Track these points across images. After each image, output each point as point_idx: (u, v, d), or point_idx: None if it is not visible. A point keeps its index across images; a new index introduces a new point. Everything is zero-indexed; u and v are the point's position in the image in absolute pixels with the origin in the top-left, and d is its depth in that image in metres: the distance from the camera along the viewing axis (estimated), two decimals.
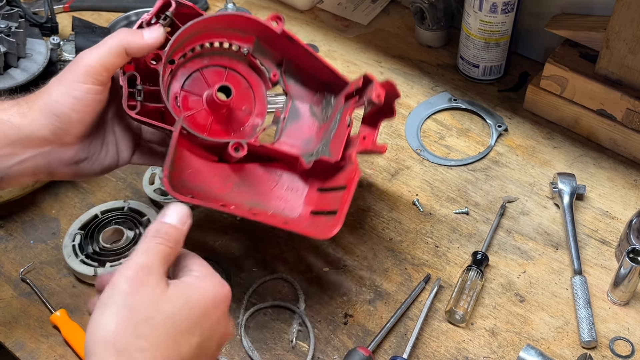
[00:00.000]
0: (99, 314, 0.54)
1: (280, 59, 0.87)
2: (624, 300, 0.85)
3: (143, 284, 0.55)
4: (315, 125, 0.89)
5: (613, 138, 1.01)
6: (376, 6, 1.28)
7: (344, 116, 0.85)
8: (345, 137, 0.83)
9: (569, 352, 0.81)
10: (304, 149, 0.87)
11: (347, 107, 0.85)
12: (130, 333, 0.53)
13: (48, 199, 0.98)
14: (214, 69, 0.84)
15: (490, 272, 0.89)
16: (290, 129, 0.88)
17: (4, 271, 0.90)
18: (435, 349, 0.82)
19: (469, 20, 1.06)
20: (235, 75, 0.85)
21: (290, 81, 0.88)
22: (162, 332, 0.54)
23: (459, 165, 1.02)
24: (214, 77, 0.84)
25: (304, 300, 0.86)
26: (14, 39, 0.95)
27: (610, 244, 0.92)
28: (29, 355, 0.82)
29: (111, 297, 0.55)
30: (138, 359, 0.53)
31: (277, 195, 0.84)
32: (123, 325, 0.53)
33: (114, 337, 0.53)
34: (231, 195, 0.80)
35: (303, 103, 0.89)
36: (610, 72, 0.98)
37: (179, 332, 0.55)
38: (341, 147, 0.82)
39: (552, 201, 0.96)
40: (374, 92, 0.80)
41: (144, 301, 0.55)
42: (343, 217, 0.75)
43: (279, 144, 0.87)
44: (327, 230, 0.75)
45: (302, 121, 0.89)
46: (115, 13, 1.27)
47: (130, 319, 0.54)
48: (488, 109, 1.09)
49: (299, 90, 0.89)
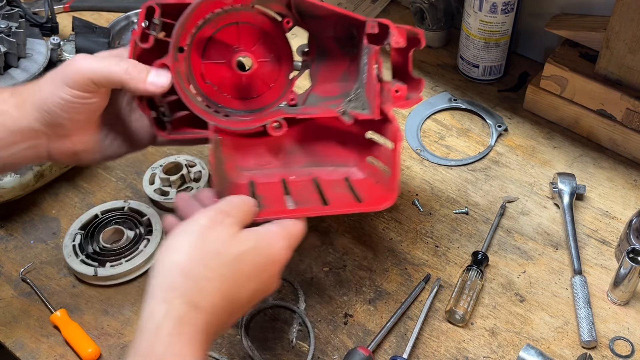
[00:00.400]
0: (174, 238, 0.59)
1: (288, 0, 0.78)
2: (624, 300, 0.85)
3: (219, 223, 0.60)
4: (346, 59, 0.83)
5: (613, 138, 1.01)
6: (376, 6, 1.28)
7: (370, 62, 0.78)
8: (377, 91, 0.77)
9: (569, 352, 0.81)
10: (343, 89, 0.82)
11: (370, 53, 0.77)
12: (199, 262, 0.58)
13: (48, 199, 0.98)
14: (225, 28, 0.78)
15: (490, 272, 0.89)
16: (322, 69, 0.83)
17: (4, 271, 0.90)
18: (435, 349, 0.82)
19: (469, 20, 1.06)
20: (248, 27, 0.79)
21: (305, 19, 0.80)
22: (227, 270, 0.59)
23: (459, 165, 1.02)
24: (229, 36, 0.78)
25: (304, 300, 0.86)
26: (14, 39, 0.95)
27: (610, 244, 0.92)
28: (29, 355, 0.82)
29: (190, 227, 0.60)
30: (202, 287, 0.57)
31: (331, 150, 0.83)
32: (195, 253, 0.58)
33: (184, 262, 0.57)
34: (286, 166, 0.79)
35: (326, 37, 0.82)
36: (610, 72, 0.98)
37: (242, 275, 0.60)
38: (376, 101, 0.77)
39: (552, 201, 0.96)
40: (394, 38, 0.75)
41: (217, 236, 0.60)
42: (397, 183, 0.73)
43: (318, 90, 0.83)
44: (384, 198, 0.73)
45: (332, 58, 0.83)
46: (116, 13, 1.27)
47: (202, 248, 0.58)
48: (488, 109, 1.09)
49: (317, 25, 0.81)
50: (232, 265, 0.60)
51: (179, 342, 0.55)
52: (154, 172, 0.99)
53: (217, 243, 0.59)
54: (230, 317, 0.61)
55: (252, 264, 0.61)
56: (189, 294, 0.56)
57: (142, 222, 0.92)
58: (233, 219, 0.62)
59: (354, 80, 0.82)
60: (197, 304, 0.57)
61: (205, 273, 0.58)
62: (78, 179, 1.01)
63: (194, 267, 0.58)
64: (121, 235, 0.91)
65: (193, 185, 0.97)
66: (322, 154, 0.82)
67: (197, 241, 0.59)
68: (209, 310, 0.57)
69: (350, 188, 0.79)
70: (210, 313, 0.57)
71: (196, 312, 0.56)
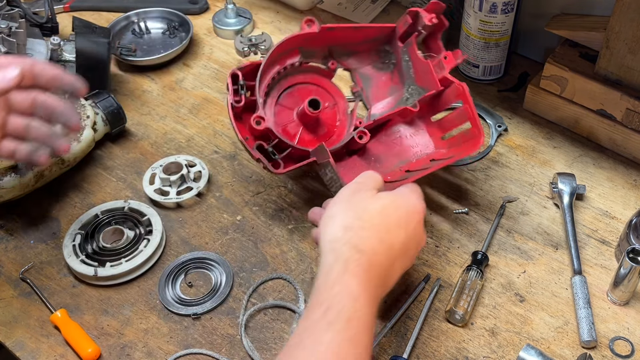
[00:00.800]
0: (329, 210, 0.71)
1: (326, 49, 0.96)
2: (624, 300, 0.85)
3: (359, 190, 0.73)
4: (387, 75, 0.99)
5: (613, 138, 1.01)
6: (376, 6, 1.28)
7: (413, 54, 0.94)
8: (430, 68, 0.92)
9: (568, 352, 0.81)
10: (396, 99, 0.98)
11: (410, 46, 0.94)
12: (353, 216, 0.70)
13: (48, 199, 0.98)
14: (290, 90, 0.96)
15: (490, 272, 0.89)
16: (372, 93, 0.99)
17: (5, 271, 0.90)
18: (435, 349, 0.82)
19: (469, 21, 1.06)
20: (306, 87, 0.97)
21: (343, 59, 0.98)
22: (377, 220, 0.70)
23: (459, 165, 1.02)
24: (290, 100, 0.95)
25: (304, 300, 0.86)
26: (15, 39, 0.95)
27: (610, 244, 0.92)
28: (29, 355, 0.82)
29: (338, 198, 0.73)
30: (361, 235, 0.68)
31: (407, 145, 0.96)
32: (349, 212, 0.70)
33: (342, 220, 0.69)
34: (380, 171, 0.88)
35: (364, 67, 0.99)
36: (610, 72, 0.98)
37: (390, 223, 0.70)
38: (433, 77, 0.91)
39: (552, 201, 0.96)
40: (427, 18, 0.90)
41: (361, 197, 0.72)
42: (481, 127, 0.87)
43: (375, 109, 0.98)
44: (473, 144, 0.87)
45: (376, 81, 0.99)
46: (116, 13, 1.27)
47: (353, 208, 0.70)
48: (488, 109, 1.09)
49: (354, 60, 0.98)
50: (380, 216, 0.70)
51: (346, 276, 0.64)
52: (154, 172, 0.99)
53: (363, 201, 0.71)
54: (389, 261, 0.69)
55: (396, 214, 0.72)
56: (351, 240, 0.67)
57: (142, 222, 0.92)
58: (368, 186, 0.74)
59: (402, 85, 0.98)
60: (359, 247, 0.67)
61: (360, 224, 0.69)
62: (78, 179, 1.01)
63: (351, 221, 0.69)
64: (121, 235, 0.91)
65: (193, 185, 0.97)
66: (403, 152, 0.95)
67: (347, 204, 0.71)
68: (370, 252, 0.67)
69: (439, 160, 0.92)
70: (371, 254, 0.67)
71: (359, 254, 0.66)
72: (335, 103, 0.97)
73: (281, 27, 1.26)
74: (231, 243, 0.93)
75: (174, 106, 1.12)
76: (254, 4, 1.31)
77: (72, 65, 1.04)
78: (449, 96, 0.92)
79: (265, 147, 0.87)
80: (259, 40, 1.20)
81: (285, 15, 1.28)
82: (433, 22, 0.90)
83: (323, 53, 0.96)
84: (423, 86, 0.94)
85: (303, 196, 0.98)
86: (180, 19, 1.23)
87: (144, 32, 1.23)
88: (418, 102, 0.93)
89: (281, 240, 0.93)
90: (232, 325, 0.85)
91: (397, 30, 0.95)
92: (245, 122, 0.89)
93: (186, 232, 0.94)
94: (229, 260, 0.91)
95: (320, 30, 0.90)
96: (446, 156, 0.91)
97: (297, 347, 0.61)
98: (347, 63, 0.98)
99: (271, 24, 1.27)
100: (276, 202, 0.97)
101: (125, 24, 1.23)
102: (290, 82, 0.96)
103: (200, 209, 0.97)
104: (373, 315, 0.65)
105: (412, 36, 0.94)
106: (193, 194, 0.97)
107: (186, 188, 0.98)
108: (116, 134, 1.05)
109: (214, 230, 0.94)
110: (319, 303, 0.63)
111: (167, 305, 0.86)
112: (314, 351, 0.60)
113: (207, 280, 0.89)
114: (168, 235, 0.94)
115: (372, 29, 0.95)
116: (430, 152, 0.94)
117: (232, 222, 0.95)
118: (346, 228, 0.68)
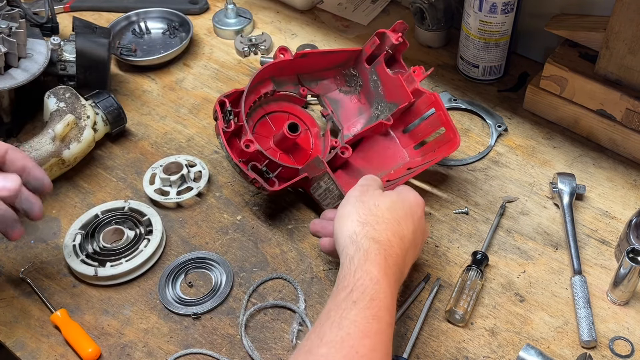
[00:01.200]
0: (341, 209, 0.78)
1: (296, 77, 1.02)
2: (624, 300, 0.85)
3: (367, 191, 0.79)
4: (355, 97, 1.05)
5: (612, 138, 1.01)
6: (376, 6, 1.28)
7: (382, 72, 1.00)
8: (401, 82, 0.97)
9: (568, 351, 0.81)
10: (366, 118, 1.04)
11: (378, 65, 1.00)
12: (367, 213, 0.75)
13: (48, 199, 0.98)
14: (260, 122, 1.00)
15: (490, 272, 0.89)
16: (342, 115, 1.04)
17: (5, 271, 0.90)
18: (435, 349, 0.82)
19: (469, 21, 1.07)
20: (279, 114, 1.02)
21: (312, 85, 1.04)
22: (388, 214, 0.76)
23: (459, 165, 1.02)
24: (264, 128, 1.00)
25: (304, 300, 0.87)
26: (15, 39, 0.95)
27: (609, 244, 0.92)
28: (29, 355, 0.82)
29: (347, 200, 0.78)
30: (377, 228, 0.74)
31: (384, 158, 1.01)
32: (362, 209, 0.76)
33: (358, 216, 0.75)
34: None
35: (332, 92, 1.05)
36: (609, 72, 0.98)
37: (399, 216, 0.77)
38: (405, 89, 0.97)
39: (551, 201, 0.96)
40: (394, 37, 0.96)
41: (370, 195, 0.78)
42: (455, 129, 0.93)
43: (347, 130, 1.03)
44: (450, 146, 0.93)
45: (344, 103, 1.05)
46: (116, 13, 1.27)
47: (364, 206, 0.76)
48: (488, 109, 1.09)
49: (322, 86, 1.05)
50: (390, 210, 0.76)
51: (367, 264, 0.70)
52: (154, 172, 0.99)
53: (373, 199, 0.77)
54: (402, 251, 0.74)
55: (403, 208, 0.78)
56: (369, 234, 0.73)
57: (143, 222, 0.93)
58: (373, 186, 0.80)
59: (369, 105, 1.03)
60: (376, 238, 0.73)
61: (375, 219, 0.75)
62: (78, 179, 1.01)
63: (366, 217, 0.75)
64: (121, 235, 0.91)
65: (193, 185, 0.97)
66: (381, 164, 1.00)
67: (359, 203, 0.77)
68: (386, 243, 0.73)
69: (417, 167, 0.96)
70: (387, 246, 0.73)
71: (377, 244, 0.72)
72: (307, 128, 1.03)
73: (281, 27, 1.26)
74: (231, 243, 0.93)
75: (174, 106, 1.12)
76: (254, 4, 1.31)
77: (72, 65, 1.04)
78: (420, 107, 0.98)
79: (259, 167, 0.91)
80: (259, 40, 1.20)
81: (285, 15, 1.29)
82: (399, 41, 0.96)
83: (293, 81, 1.02)
84: (394, 101, 0.99)
85: (303, 196, 0.98)
86: (180, 19, 1.23)
87: (144, 32, 1.23)
88: (391, 115, 0.98)
89: (281, 240, 0.93)
90: (232, 325, 0.85)
91: (364, 52, 1.01)
92: (233, 147, 0.92)
93: (186, 232, 0.94)
94: (229, 260, 0.91)
95: (294, 56, 0.96)
96: (422, 162, 0.96)
97: (324, 324, 0.66)
98: (316, 89, 1.04)
99: (271, 24, 1.27)
100: (276, 202, 0.97)
101: (126, 24, 1.23)
102: (265, 111, 1.00)
103: (201, 209, 0.97)
104: (393, 298, 0.71)
105: (381, 56, 0.99)
106: (193, 194, 0.97)
107: (186, 188, 0.98)
108: (116, 134, 1.05)
109: (214, 230, 0.94)
110: (343, 287, 0.69)
111: (167, 305, 0.86)
112: (341, 325, 0.65)
113: (207, 280, 0.89)
114: (168, 235, 0.94)
115: (340, 54, 1.01)
116: (406, 162, 0.99)
117: (232, 222, 0.95)
118: (363, 223, 0.74)
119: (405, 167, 0.98)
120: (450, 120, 0.93)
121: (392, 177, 0.97)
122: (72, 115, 0.96)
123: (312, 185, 0.92)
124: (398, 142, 1.01)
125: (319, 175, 0.90)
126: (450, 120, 0.93)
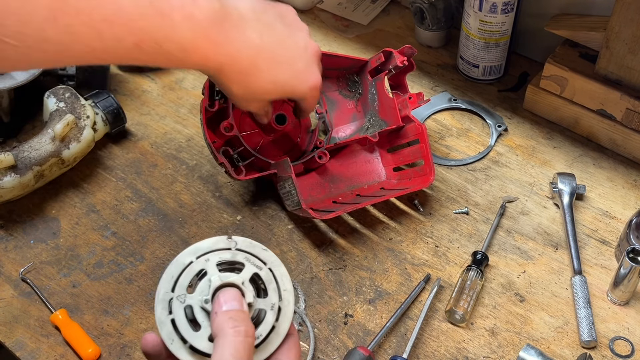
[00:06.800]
0: None
1: None
2: (624, 300, 0.85)
3: None
4: (352, 103, 1.04)
5: (613, 138, 1.01)
6: (376, 6, 1.28)
7: (380, 89, 0.99)
8: (395, 105, 0.97)
9: (568, 351, 0.81)
10: (357, 126, 1.03)
11: (379, 81, 0.99)
12: None
13: (48, 199, 0.98)
14: None
15: (490, 272, 0.89)
16: (335, 117, 1.04)
17: (4, 271, 0.90)
18: (435, 349, 0.82)
19: (469, 20, 1.06)
20: None
21: None
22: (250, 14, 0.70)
23: (459, 165, 1.02)
24: None
25: (304, 300, 0.87)
26: None
27: (610, 244, 0.92)
28: (29, 355, 0.82)
29: None
30: (238, 7, 0.68)
31: (361, 171, 1.01)
32: None
33: None
34: (332, 191, 0.98)
35: (332, 92, 1.04)
36: (610, 72, 0.98)
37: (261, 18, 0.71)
38: (396, 113, 0.97)
39: (552, 201, 0.96)
40: (399, 59, 0.94)
41: None
42: (433, 165, 0.93)
43: (336, 133, 1.03)
44: (424, 180, 0.93)
45: (340, 106, 1.04)
46: None
47: None
48: (488, 109, 1.09)
49: (324, 84, 1.00)
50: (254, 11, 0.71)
51: None
52: None
53: None
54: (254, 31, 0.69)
55: (267, 10, 0.73)
56: None
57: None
58: None
59: (364, 114, 1.03)
60: None
61: None
62: (78, 179, 1.01)
63: None
64: None
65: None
66: (357, 177, 1.00)
67: None
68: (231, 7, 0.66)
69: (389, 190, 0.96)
70: (233, 8, 0.67)
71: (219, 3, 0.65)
72: None
73: None
74: None
75: (174, 106, 1.12)
76: None
77: (72, 65, 1.04)
78: (407, 133, 0.98)
79: (231, 153, 0.92)
80: None
81: None
82: (404, 64, 0.95)
83: None
84: (385, 119, 0.99)
85: None
86: None
87: None
88: (378, 133, 0.97)
89: (281, 240, 0.93)
90: None
91: (369, 64, 1.00)
92: (215, 128, 0.92)
93: (186, 232, 0.94)
94: None
95: None
96: (396, 187, 0.96)
97: None
98: None
99: None
100: (276, 202, 0.97)
101: None
102: None
103: (201, 209, 0.97)
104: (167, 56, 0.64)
105: (383, 73, 0.98)
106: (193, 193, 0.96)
107: None
108: (116, 134, 1.05)
109: (214, 230, 0.94)
110: None
111: None
112: None
113: None
114: (168, 235, 0.94)
115: (346, 60, 1.00)
116: (382, 181, 0.99)
117: (232, 222, 0.95)
118: None
119: (379, 185, 0.98)
120: (430, 156, 0.93)
121: (364, 192, 0.97)
122: (72, 115, 0.96)
123: (279, 183, 0.92)
124: (379, 160, 1.01)
125: (285, 176, 0.90)
126: (430, 156, 0.93)
